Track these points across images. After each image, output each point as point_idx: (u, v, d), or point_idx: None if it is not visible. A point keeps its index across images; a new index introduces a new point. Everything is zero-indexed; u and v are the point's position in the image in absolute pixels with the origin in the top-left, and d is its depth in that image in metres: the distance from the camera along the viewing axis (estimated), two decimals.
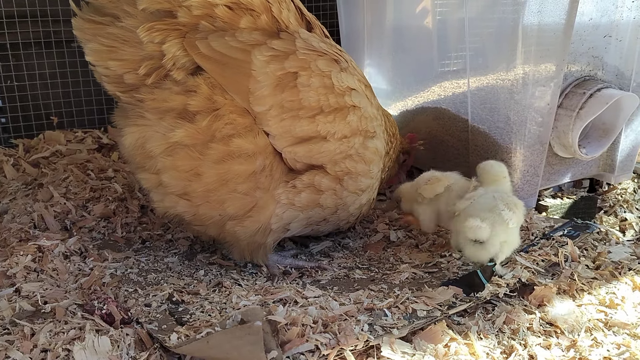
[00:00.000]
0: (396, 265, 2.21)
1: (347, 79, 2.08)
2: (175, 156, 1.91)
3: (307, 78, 1.97)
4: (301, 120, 1.98)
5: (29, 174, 2.84)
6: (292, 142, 2.00)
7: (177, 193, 1.98)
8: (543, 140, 2.47)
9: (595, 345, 1.66)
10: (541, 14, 2.24)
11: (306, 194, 2.08)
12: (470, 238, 1.96)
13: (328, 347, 1.56)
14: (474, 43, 2.56)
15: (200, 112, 1.90)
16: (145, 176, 1.99)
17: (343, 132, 2.07)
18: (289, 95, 1.95)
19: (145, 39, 1.83)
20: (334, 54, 2.08)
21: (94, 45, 1.89)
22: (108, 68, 1.91)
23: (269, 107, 1.94)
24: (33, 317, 1.73)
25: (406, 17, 3.06)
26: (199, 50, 1.88)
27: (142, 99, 1.92)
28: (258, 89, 1.92)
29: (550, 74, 2.35)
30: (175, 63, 1.90)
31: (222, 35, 1.91)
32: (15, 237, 2.21)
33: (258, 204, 2.02)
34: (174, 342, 1.60)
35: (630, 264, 2.11)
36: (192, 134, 1.90)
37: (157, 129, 1.91)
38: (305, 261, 2.30)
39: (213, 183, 1.94)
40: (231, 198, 1.97)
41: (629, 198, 2.83)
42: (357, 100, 2.10)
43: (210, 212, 2.00)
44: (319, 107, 2.00)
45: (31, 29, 3.12)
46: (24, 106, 3.22)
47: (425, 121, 2.94)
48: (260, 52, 1.91)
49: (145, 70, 1.89)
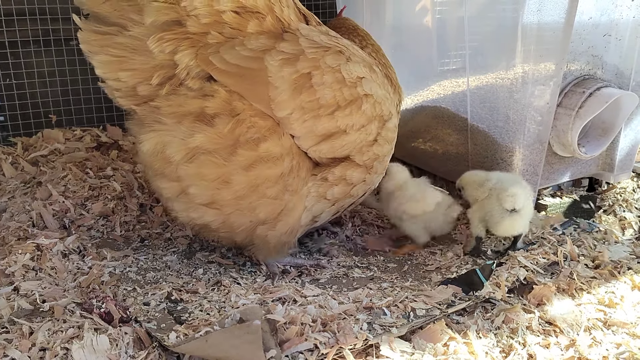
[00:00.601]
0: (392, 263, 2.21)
1: (354, 68, 2.07)
2: (198, 164, 1.88)
3: (321, 76, 1.98)
4: (322, 119, 2.00)
5: (27, 172, 2.83)
6: (316, 141, 2.02)
7: (204, 202, 1.94)
8: (542, 139, 2.47)
9: (594, 344, 1.66)
10: (541, 13, 2.24)
11: (339, 187, 2.10)
12: (508, 208, 2.16)
13: (327, 346, 1.56)
14: (474, 42, 2.56)
15: (219, 115, 1.88)
16: (166, 185, 1.95)
17: (361, 122, 2.08)
18: (307, 96, 1.96)
19: (156, 50, 1.81)
20: (336, 46, 2.07)
21: (102, 57, 1.85)
22: (119, 80, 1.88)
23: (290, 111, 1.95)
24: (31, 316, 1.73)
25: (405, 15, 3.06)
26: (215, 66, 1.87)
27: (157, 106, 1.89)
28: (278, 95, 1.92)
29: (549, 72, 2.35)
30: (189, 73, 1.88)
31: (233, 45, 1.89)
32: (13, 235, 2.21)
33: (287, 206, 2.02)
34: (173, 341, 1.59)
35: (630, 263, 2.11)
36: (213, 138, 1.87)
37: (176, 134, 1.88)
38: (304, 259, 2.30)
39: (243, 190, 1.92)
40: (262, 203, 1.96)
41: (628, 197, 2.82)
42: (368, 87, 2.10)
43: (241, 219, 1.98)
44: (336, 103, 2.02)
45: (30, 27, 3.11)
46: (22, 104, 3.21)
47: (424, 120, 2.94)
48: (272, 57, 1.91)
49: (158, 79, 1.87)
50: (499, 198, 2.20)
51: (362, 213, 2.73)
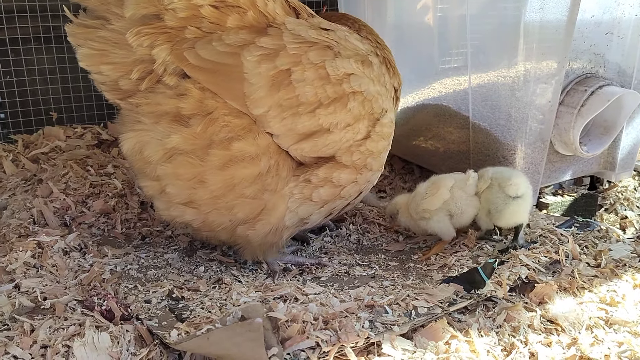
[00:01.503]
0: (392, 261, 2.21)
1: (342, 64, 2.00)
2: (175, 163, 1.88)
3: (301, 73, 1.92)
4: (302, 117, 1.94)
5: (28, 170, 2.83)
6: (297, 140, 1.97)
7: (183, 202, 1.94)
8: (544, 137, 2.46)
9: (596, 342, 1.65)
10: (543, 11, 2.23)
11: (325, 189, 2.05)
12: (512, 195, 2.21)
13: (329, 344, 1.55)
14: (475, 40, 2.56)
15: (194, 116, 1.87)
16: (147, 183, 1.96)
17: (346, 121, 2.02)
18: (286, 93, 1.91)
19: (134, 44, 1.80)
20: (324, 40, 2.00)
21: (85, 50, 1.86)
22: (101, 73, 1.88)
23: (267, 109, 1.90)
24: (33, 313, 1.72)
25: (407, 13, 3.05)
26: (187, 61, 1.85)
27: (137, 103, 1.90)
28: (253, 91, 1.88)
29: (551, 71, 2.35)
30: (166, 68, 1.87)
31: (210, 41, 1.86)
32: (14, 232, 2.20)
33: (267, 205, 1.99)
34: (174, 339, 1.59)
35: (631, 261, 2.10)
36: (189, 139, 1.86)
37: (153, 135, 1.88)
38: (306, 257, 2.30)
39: (219, 189, 1.91)
40: (240, 203, 1.95)
41: (630, 196, 2.82)
42: (357, 84, 2.03)
43: (219, 218, 1.97)
44: (318, 101, 1.96)
45: (30, 24, 3.11)
46: (23, 102, 3.21)
47: (426, 118, 2.94)
48: (250, 53, 1.87)
49: (137, 74, 1.86)
50: (501, 186, 2.23)
51: (363, 211, 2.72)
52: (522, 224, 2.27)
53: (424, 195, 2.30)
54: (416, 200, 2.33)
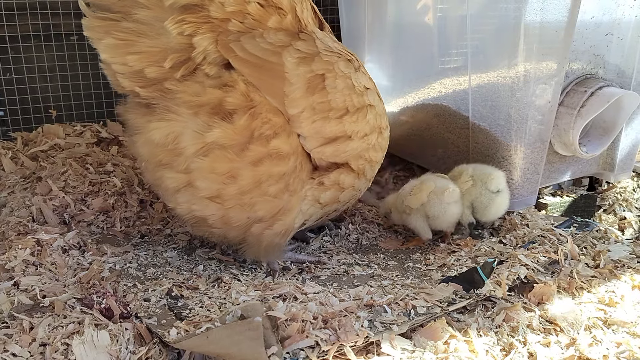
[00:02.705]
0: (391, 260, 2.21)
1: (361, 78, 2.11)
2: (212, 157, 1.86)
3: (333, 80, 1.99)
4: (330, 122, 2.01)
5: (27, 168, 2.82)
6: (321, 143, 2.02)
7: (209, 196, 1.92)
8: (544, 138, 2.47)
9: (594, 343, 1.66)
10: (543, 12, 2.24)
11: (331, 192, 2.10)
12: (493, 190, 2.33)
13: (328, 343, 1.56)
14: (475, 40, 2.56)
15: (237, 111, 1.87)
16: (172, 175, 1.91)
17: (364, 131, 2.11)
18: (319, 97, 1.97)
19: (175, 31, 1.80)
20: (346, 54, 2.10)
21: (109, 40, 1.82)
22: (126, 64, 1.85)
23: (302, 109, 1.95)
24: (32, 311, 1.72)
25: (407, 13, 3.05)
26: (235, 53, 1.87)
27: (172, 89, 1.87)
28: (292, 91, 1.92)
29: (551, 71, 2.35)
30: (205, 57, 1.87)
31: (253, 37, 1.90)
32: (13, 230, 2.20)
33: (286, 206, 2.01)
34: (174, 337, 1.59)
35: (630, 262, 2.11)
36: (230, 134, 1.85)
37: (191, 126, 1.85)
38: (305, 256, 2.31)
39: (248, 185, 1.91)
40: (262, 201, 1.95)
41: (629, 197, 2.83)
42: (372, 98, 2.14)
43: (239, 214, 1.97)
44: (345, 108, 2.03)
45: (30, 21, 3.10)
46: (22, 99, 3.20)
47: (425, 118, 2.94)
48: (290, 54, 1.92)
49: (171, 63, 1.84)
50: (483, 182, 2.34)
51: (362, 211, 2.72)
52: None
53: (409, 192, 2.38)
54: (402, 195, 2.41)
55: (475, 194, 2.36)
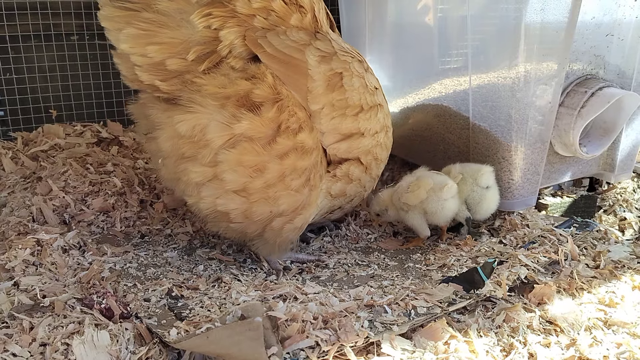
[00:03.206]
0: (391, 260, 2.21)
1: (372, 79, 2.20)
2: (240, 149, 1.86)
3: (350, 78, 2.07)
4: (347, 119, 2.08)
5: (27, 167, 2.82)
6: (337, 139, 2.09)
7: (235, 189, 1.92)
8: (544, 138, 2.47)
9: (594, 343, 1.66)
10: (544, 12, 2.24)
11: (341, 183, 2.17)
12: (483, 185, 2.36)
13: (328, 344, 1.56)
14: (476, 41, 2.56)
15: (265, 103, 1.88)
16: (197, 169, 1.89)
17: (375, 128, 2.20)
18: (338, 94, 2.04)
19: (202, 25, 1.81)
20: (358, 55, 2.17)
21: (130, 30, 1.81)
22: (145, 55, 1.83)
23: (322, 106, 2.01)
24: (32, 311, 1.72)
25: (407, 13, 3.05)
26: (263, 49, 1.91)
27: (196, 82, 1.86)
28: (315, 87, 1.98)
29: (552, 72, 2.35)
30: (231, 51, 1.89)
31: (277, 33, 1.95)
32: (13, 230, 2.20)
33: (306, 200, 2.04)
34: (174, 337, 1.59)
35: (630, 263, 2.11)
36: (257, 126, 1.87)
37: (217, 117, 1.84)
38: (306, 255, 2.31)
39: (273, 179, 1.93)
40: (285, 195, 1.97)
41: (629, 197, 2.83)
42: (381, 98, 2.24)
43: (263, 208, 1.98)
44: (360, 106, 2.11)
45: (31, 21, 3.10)
46: (23, 99, 3.20)
47: (426, 118, 2.94)
48: (312, 52, 1.98)
49: (194, 55, 1.85)
50: (474, 178, 2.37)
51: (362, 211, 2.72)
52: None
53: (407, 189, 2.38)
54: (399, 192, 2.41)
55: (467, 191, 2.39)
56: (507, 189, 2.49)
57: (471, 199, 2.40)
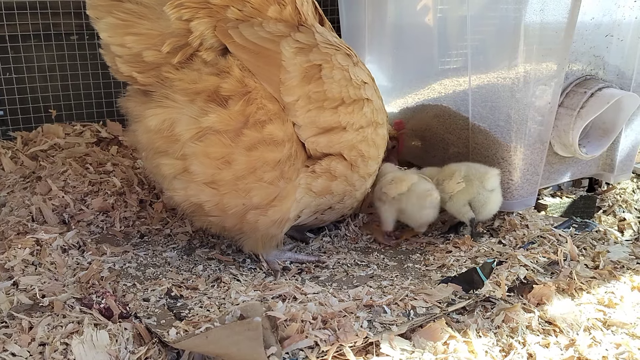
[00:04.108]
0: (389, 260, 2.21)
1: (360, 72, 2.15)
2: (207, 142, 1.88)
3: (330, 70, 2.03)
4: (325, 112, 2.04)
5: (27, 167, 2.82)
6: (316, 133, 2.05)
7: (205, 181, 1.94)
8: (543, 139, 2.47)
9: (593, 344, 1.66)
10: (543, 13, 2.24)
11: (322, 179, 2.12)
12: (489, 188, 2.34)
13: (327, 344, 1.56)
14: (475, 41, 2.56)
15: (232, 96, 1.89)
16: (168, 162, 1.94)
17: (360, 123, 2.14)
18: (315, 86, 2.00)
19: (174, 16, 1.82)
20: (346, 49, 2.13)
21: (109, 19, 1.84)
22: (124, 45, 1.86)
23: (297, 98, 1.98)
24: (31, 311, 1.72)
25: (407, 14, 3.05)
26: (232, 39, 1.90)
27: (169, 77, 1.89)
28: (288, 79, 1.95)
29: (551, 72, 2.35)
30: (202, 42, 1.89)
31: (252, 25, 1.93)
32: (13, 230, 2.20)
33: (281, 193, 2.02)
34: (173, 337, 1.59)
35: (629, 263, 2.11)
36: (225, 119, 1.88)
37: (187, 112, 1.87)
38: (305, 255, 2.31)
39: (242, 171, 1.93)
40: (257, 187, 1.97)
41: (628, 198, 2.83)
42: (370, 93, 2.18)
43: (234, 200, 1.99)
44: (341, 99, 2.07)
45: (30, 21, 3.10)
46: (22, 99, 3.20)
47: (425, 119, 2.94)
48: (288, 44, 1.95)
49: (169, 47, 1.87)
50: (481, 180, 2.34)
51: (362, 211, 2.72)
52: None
53: (390, 181, 2.39)
54: (382, 183, 2.42)
55: (472, 193, 2.37)
56: (506, 189, 2.49)
57: (477, 201, 2.37)
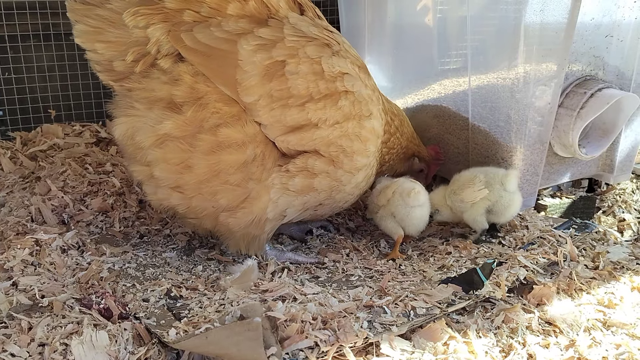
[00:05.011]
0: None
1: (338, 63, 2.04)
2: (165, 149, 1.91)
3: (295, 65, 1.95)
4: (291, 109, 1.97)
5: (26, 167, 2.82)
6: (284, 131, 1.99)
7: (170, 186, 1.98)
8: (543, 139, 2.47)
9: (593, 344, 1.66)
10: (543, 13, 2.24)
11: (300, 178, 2.05)
12: (511, 190, 2.29)
13: (327, 344, 1.56)
14: (475, 41, 2.56)
15: (186, 103, 1.90)
16: (137, 168, 1.99)
17: (335, 118, 2.04)
18: (277, 84, 1.94)
19: (131, 24, 1.83)
20: (324, 38, 2.04)
21: (81, 26, 1.88)
22: (95, 51, 1.90)
23: (258, 97, 1.93)
24: (30, 311, 1.72)
25: (407, 14, 3.05)
26: (184, 43, 1.88)
27: (130, 87, 1.92)
28: (246, 79, 1.91)
29: (551, 73, 2.35)
30: (159, 49, 1.89)
31: (208, 25, 1.90)
32: (12, 230, 2.20)
33: (251, 195, 2.01)
34: (173, 338, 1.59)
35: (629, 264, 2.11)
36: (181, 125, 1.89)
37: (146, 120, 1.91)
38: (305, 256, 2.30)
39: (204, 174, 1.94)
40: (223, 189, 1.97)
41: (628, 198, 2.83)
42: (350, 84, 2.07)
43: (203, 204, 2.00)
44: (309, 95, 1.98)
45: (30, 21, 3.10)
46: (21, 99, 3.20)
47: (425, 119, 2.94)
48: (247, 42, 1.90)
49: (132, 56, 1.89)
50: (502, 183, 2.29)
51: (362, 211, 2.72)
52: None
53: (379, 192, 2.38)
54: (373, 195, 2.42)
55: (495, 197, 2.29)
56: None
57: (499, 205, 2.30)
